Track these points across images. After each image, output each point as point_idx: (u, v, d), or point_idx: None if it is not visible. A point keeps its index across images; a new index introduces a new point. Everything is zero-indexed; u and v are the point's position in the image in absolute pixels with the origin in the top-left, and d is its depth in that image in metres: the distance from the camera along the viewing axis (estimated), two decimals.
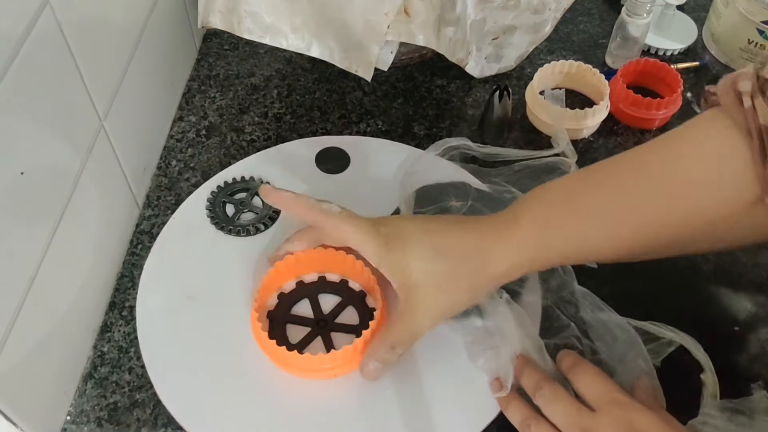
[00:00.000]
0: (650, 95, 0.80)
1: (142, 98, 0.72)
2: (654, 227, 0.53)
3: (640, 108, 0.78)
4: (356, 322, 0.61)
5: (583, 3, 0.95)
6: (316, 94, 0.83)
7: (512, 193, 0.68)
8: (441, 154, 0.71)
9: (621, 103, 0.79)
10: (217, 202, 0.70)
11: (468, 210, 0.67)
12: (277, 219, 0.69)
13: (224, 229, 0.68)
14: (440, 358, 0.60)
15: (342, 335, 0.60)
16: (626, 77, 0.80)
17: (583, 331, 0.60)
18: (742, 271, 0.66)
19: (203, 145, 0.77)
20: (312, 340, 0.60)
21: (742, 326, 0.63)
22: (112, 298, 0.65)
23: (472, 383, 0.58)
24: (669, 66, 0.81)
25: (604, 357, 0.58)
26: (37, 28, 0.51)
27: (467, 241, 0.56)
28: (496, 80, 0.84)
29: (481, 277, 0.56)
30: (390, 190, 0.70)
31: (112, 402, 0.59)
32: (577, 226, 0.55)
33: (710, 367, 0.58)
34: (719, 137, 0.50)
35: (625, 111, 0.79)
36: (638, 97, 0.77)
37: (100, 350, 0.62)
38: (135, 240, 0.69)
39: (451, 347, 0.60)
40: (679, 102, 0.79)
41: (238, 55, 0.88)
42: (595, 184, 0.56)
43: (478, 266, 0.55)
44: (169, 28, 0.77)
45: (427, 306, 0.55)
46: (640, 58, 0.82)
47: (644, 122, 0.79)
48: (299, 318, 0.61)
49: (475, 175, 0.71)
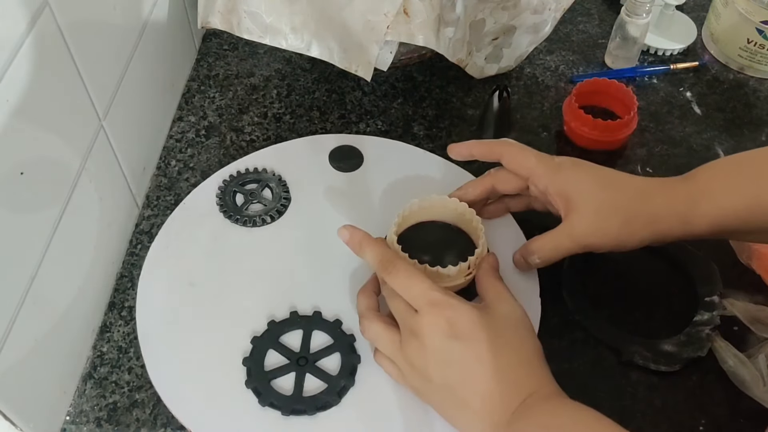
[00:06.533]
0: (604, 115, 0.77)
1: (141, 98, 0.72)
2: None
3: (593, 129, 0.75)
4: (335, 372, 0.58)
5: (583, 3, 0.95)
6: (316, 94, 0.83)
7: None
8: None
9: (573, 123, 0.76)
10: (228, 191, 0.70)
11: None
12: (284, 212, 0.69)
13: (232, 218, 0.68)
14: None
15: (315, 380, 0.58)
16: (580, 98, 0.77)
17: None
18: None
19: (203, 145, 0.77)
20: (286, 374, 0.58)
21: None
22: (111, 298, 0.65)
23: None
24: (624, 86, 0.78)
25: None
26: (37, 28, 0.51)
27: (634, 181, 0.60)
28: (496, 80, 0.84)
29: (638, 219, 0.57)
30: (402, 190, 0.71)
31: (112, 402, 0.59)
32: (751, 187, 0.56)
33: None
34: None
35: (578, 132, 0.76)
36: (589, 118, 0.74)
37: (99, 350, 0.62)
38: (135, 240, 0.69)
39: None
40: (635, 123, 0.76)
41: (237, 55, 0.88)
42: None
43: (638, 206, 0.57)
44: (168, 29, 0.77)
45: (580, 227, 0.58)
46: (597, 78, 0.79)
47: (598, 144, 0.76)
48: (284, 348, 0.60)
49: None
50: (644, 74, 0.86)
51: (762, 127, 0.81)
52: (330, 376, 0.58)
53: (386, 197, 0.71)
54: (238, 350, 0.59)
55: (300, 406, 0.56)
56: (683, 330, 0.62)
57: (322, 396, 0.57)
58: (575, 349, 0.62)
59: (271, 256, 0.66)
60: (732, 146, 0.78)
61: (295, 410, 0.56)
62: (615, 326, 0.63)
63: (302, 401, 0.56)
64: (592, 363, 0.61)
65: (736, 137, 0.79)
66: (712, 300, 0.63)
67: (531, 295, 0.64)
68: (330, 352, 0.59)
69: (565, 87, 0.84)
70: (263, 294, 0.63)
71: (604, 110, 0.80)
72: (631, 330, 0.63)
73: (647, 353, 0.60)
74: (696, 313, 0.63)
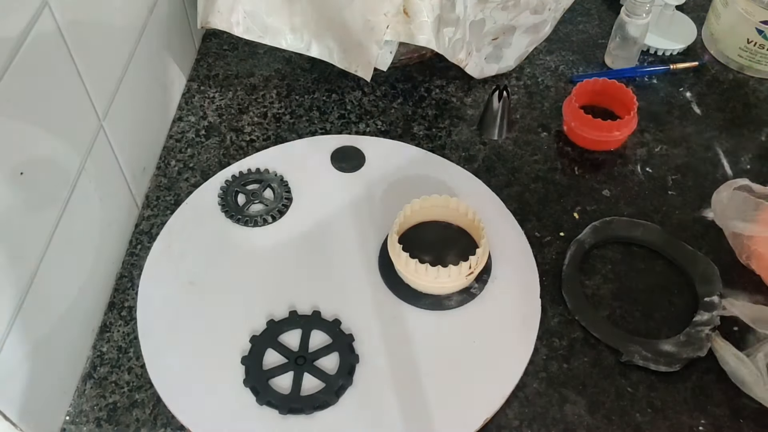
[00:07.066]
0: (604, 115, 0.77)
1: (141, 98, 0.72)
2: None
3: (593, 129, 0.75)
4: (333, 371, 0.58)
5: (583, 3, 0.95)
6: (316, 94, 0.83)
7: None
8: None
9: (574, 123, 0.76)
10: (230, 191, 0.70)
11: None
12: (286, 212, 0.69)
13: (233, 218, 0.68)
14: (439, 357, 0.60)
15: (313, 379, 0.58)
16: (580, 97, 0.77)
17: None
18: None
19: (202, 145, 0.77)
20: (284, 372, 0.58)
21: None
22: (111, 298, 0.65)
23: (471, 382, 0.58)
24: (624, 86, 0.78)
25: None
26: (36, 28, 0.51)
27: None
28: (495, 80, 0.84)
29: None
30: (402, 190, 0.71)
31: (112, 402, 0.59)
32: None
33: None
34: None
35: (578, 132, 0.76)
36: (589, 118, 0.74)
37: (99, 350, 0.62)
38: (134, 240, 0.69)
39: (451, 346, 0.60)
40: (635, 123, 0.76)
41: (237, 56, 0.88)
42: None
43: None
44: (168, 29, 0.77)
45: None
46: (597, 78, 0.79)
47: (598, 144, 0.76)
48: (282, 347, 0.60)
49: None
50: (644, 74, 0.86)
51: (762, 127, 0.81)
52: (328, 376, 0.58)
53: (387, 197, 0.71)
54: (237, 349, 0.59)
55: (298, 405, 0.56)
56: (683, 330, 0.62)
57: (319, 395, 0.57)
58: (575, 349, 0.62)
59: (271, 256, 0.66)
60: (732, 146, 0.78)
61: (292, 409, 0.56)
62: (615, 326, 0.63)
63: (300, 400, 0.56)
64: (592, 363, 0.61)
65: (736, 137, 0.79)
66: (712, 300, 0.63)
67: (531, 295, 0.64)
68: (328, 351, 0.59)
69: (564, 87, 0.84)
70: (263, 293, 0.63)
71: (604, 110, 0.80)
72: (631, 330, 0.63)
73: (647, 353, 0.60)
74: (696, 314, 0.63)
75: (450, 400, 0.57)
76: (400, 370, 0.59)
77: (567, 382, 0.60)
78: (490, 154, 0.77)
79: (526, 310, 0.63)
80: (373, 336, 0.61)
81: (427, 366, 0.59)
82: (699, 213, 0.72)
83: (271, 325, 0.61)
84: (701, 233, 0.70)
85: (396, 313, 0.62)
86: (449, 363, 0.59)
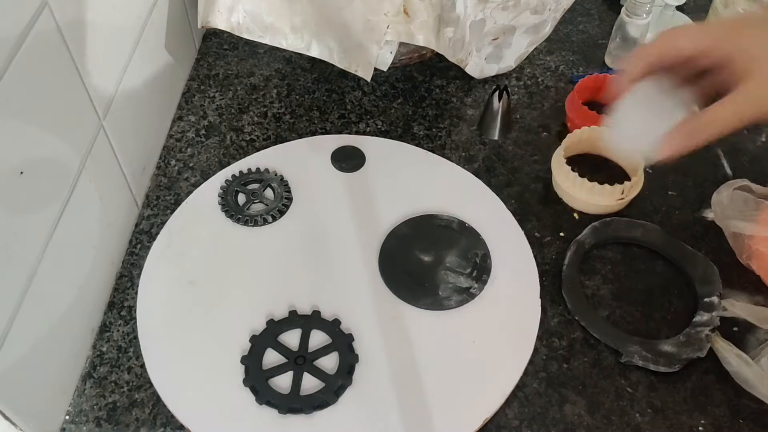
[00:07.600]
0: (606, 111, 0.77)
1: (141, 98, 0.72)
2: None
3: (597, 125, 0.74)
4: (333, 371, 0.58)
5: (583, 3, 0.95)
6: (316, 93, 0.83)
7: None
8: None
9: (577, 119, 0.76)
10: (230, 190, 0.70)
11: None
12: (286, 212, 0.69)
13: (233, 217, 0.68)
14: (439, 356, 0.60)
15: (312, 379, 0.58)
16: (582, 93, 0.77)
17: None
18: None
19: (203, 145, 0.77)
20: (284, 372, 0.58)
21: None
22: (111, 297, 0.65)
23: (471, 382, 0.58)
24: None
25: None
26: (36, 28, 0.51)
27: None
28: (495, 80, 0.84)
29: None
30: (403, 191, 0.71)
31: (111, 402, 0.59)
32: None
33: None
34: None
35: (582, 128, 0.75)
36: (593, 114, 0.74)
37: (99, 350, 0.62)
38: (134, 240, 0.69)
39: (451, 346, 0.60)
40: None
41: (237, 55, 0.88)
42: None
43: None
44: (168, 28, 0.77)
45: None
46: (598, 74, 0.79)
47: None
48: (282, 347, 0.60)
49: None
50: None
51: (762, 127, 0.81)
52: (327, 376, 0.58)
53: (387, 197, 0.71)
54: (237, 349, 0.59)
55: (297, 405, 0.56)
56: (683, 331, 0.62)
57: (319, 395, 0.57)
58: (575, 350, 0.62)
59: (271, 256, 0.66)
60: (732, 146, 0.78)
61: (292, 409, 0.56)
62: (615, 326, 0.63)
63: (299, 400, 0.56)
64: (592, 363, 0.61)
65: (736, 137, 0.79)
66: (712, 301, 0.63)
67: (531, 296, 0.64)
68: (328, 351, 0.59)
69: (565, 87, 0.84)
70: (263, 293, 0.63)
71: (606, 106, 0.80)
72: (630, 330, 0.63)
73: (647, 353, 0.60)
74: (695, 314, 0.63)
75: (449, 400, 0.57)
76: (400, 370, 0.59)
77: (567, 382, 0.60)
78: (490, 154, 0.77)
79: (526, 310, 0.63)
80: (372, 336, 0.61)
81: (427, 366, 0.59)
82: (699, 213, 0.72)
83: (271, 324, 0.61)
84: (701, 233, 0.70)
85: (396, 313, 0.62)
86: (449, 363, 0.59)
